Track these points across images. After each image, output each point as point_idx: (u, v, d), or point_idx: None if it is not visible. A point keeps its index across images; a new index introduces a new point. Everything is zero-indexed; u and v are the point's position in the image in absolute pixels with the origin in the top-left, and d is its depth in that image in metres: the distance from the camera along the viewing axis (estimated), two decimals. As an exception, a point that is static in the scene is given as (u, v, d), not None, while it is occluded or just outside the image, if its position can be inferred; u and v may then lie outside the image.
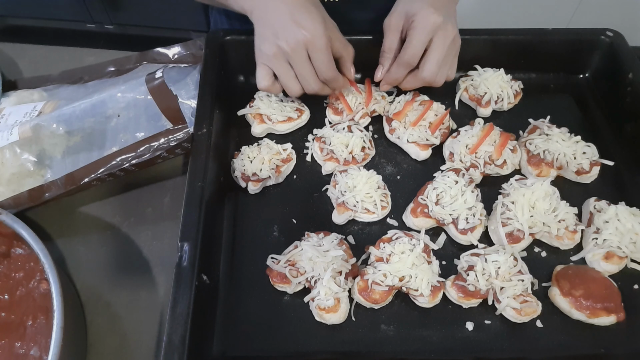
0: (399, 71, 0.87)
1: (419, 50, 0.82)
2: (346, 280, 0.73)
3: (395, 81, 0.90)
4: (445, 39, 0.81)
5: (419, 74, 0.85)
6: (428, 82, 0.86)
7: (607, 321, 0.71)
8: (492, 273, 0.72)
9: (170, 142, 0.79)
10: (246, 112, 0.92)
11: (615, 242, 0.75)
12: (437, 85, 0.87)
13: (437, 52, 0.82)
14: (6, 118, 0.88)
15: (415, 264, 0.72)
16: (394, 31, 0.85)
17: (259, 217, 0.83)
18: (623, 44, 0.95)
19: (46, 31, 2.55)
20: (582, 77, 1.01)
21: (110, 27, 2.50)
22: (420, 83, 0.88)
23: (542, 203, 0.78)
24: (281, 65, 0.78)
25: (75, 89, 0.96)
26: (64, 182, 0.79)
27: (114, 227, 0.85)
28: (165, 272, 0.80)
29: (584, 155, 0.85)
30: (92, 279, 0.79)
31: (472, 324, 0.73)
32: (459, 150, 0.86)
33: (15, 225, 0.71)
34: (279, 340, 0.71)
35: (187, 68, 0.94)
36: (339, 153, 0.86)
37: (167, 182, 0.90)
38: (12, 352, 0.68)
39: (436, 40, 0.81)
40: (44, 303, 0.70)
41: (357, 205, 0.80)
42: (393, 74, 0.88)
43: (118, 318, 0.76)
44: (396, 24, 0.84)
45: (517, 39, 0.97)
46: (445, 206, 0.79)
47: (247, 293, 0.75)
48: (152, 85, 0.80)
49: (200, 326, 0.66)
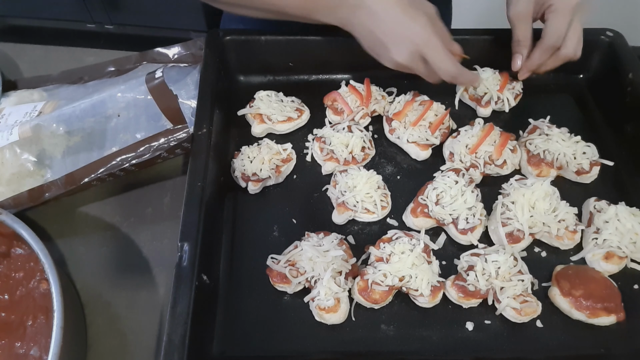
0: (544, 56, 0.87)
1: (563, 32, 0.83)
2: (346, 280, 0.73)
3: (538, 66, 0.89)
4: (582, 16, 0.83)
5: (561, 52, 0.86)
6: (569, 59, 0.87)
7: (607, 321, 0.71)
8: (492, 273, 0.72)
9: (170, 142, 0.79)
10: (246, 112, 0.92)
11: (615, 242, 0.75)
12: (576, 59, 0.87)
13: (576, 30, 0.84)
14: (6, 118, 0.88)
15: (415, 264, 0.72)
16: (525, 19, 0.86)
17: (259, 217, 0.83)
18: (623, 44, 0.95)
19: (46, 31, 2.55)
20: (582, 77, 1.01)
21: (110, 27, 2.49)
22: (561, 61, 0.88)
23: (542, 203, 0.78)
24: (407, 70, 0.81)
25: (75, 89, 0.96)
26: (64, 182, 0.79)
27: (114, 227, 0.85)
28: (165, 272, 0.80)
29: (584, 155, 0.85)
30: (92, 279, 0.79)
31: (472, 324, 0.73)
32: (459, 150, 0.86)
33: (15, 225, 0.71)
34: (279, 340, 0.71)
35: (187, 68, 0.94)
36: (339, 153, 0.86)
37: (167, 182, 0.90)
38: (12, 352, 0.68)
39: (575, 19, 0.83)
40: (44, 303, 0.70)
41: (357, 205, 0.80)
42: (537, 60, 0.88)
43: (118, 318, 0.76)
44: (527, 11, 0.85)
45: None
46: (445, 206, 0.79)
47: (247, 293, 0.75)
48: (152, 85, 0.80)
49: (200, 326, 0.66)
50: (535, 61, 0.88)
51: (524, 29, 0.86)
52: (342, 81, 0.96)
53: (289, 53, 0.97)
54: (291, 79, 1.00)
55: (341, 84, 0.95)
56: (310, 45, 0.96)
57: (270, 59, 0.97)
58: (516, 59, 0.89)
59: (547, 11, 0.84)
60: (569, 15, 0.82)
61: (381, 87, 0.96)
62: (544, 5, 0.84)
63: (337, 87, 0.95)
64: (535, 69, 0.90)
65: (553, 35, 0.83)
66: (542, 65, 0.89)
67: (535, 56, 0.88)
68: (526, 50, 0.88)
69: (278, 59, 0.97)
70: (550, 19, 0.83)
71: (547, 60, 0.88)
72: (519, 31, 0.87)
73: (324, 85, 0.97)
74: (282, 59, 0.97)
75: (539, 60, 0.88)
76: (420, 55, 0.78)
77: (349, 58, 0.97)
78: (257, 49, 0.95)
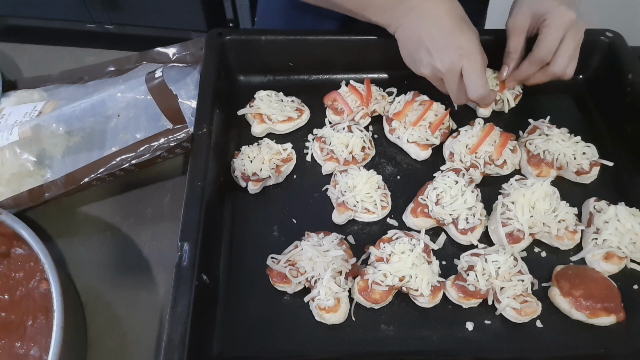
0: (531, 68, 0.88)
1: (554, 47, 0.83)
2: (346, 280, 0.73)
3: (525, 78, 0.90)
4: (577, 34, 0.83)
5: (550, 68, 0.86)
6: (557, 77, 0.87)
7: (607, 321, 0.72)
8: (492, 273, 0.72)
9: (170, 142, 0.79)
10: (246, 112, 0.92)
11: (615, 243, 0.75)
12: (566, 78, 0.87)
13: (568, 47, 0.83)
14: (6, 118, 0.88)
15: (415, 264, 0.72)
16: (520, 32, 0.86)
17: (259, 217, 0.83)
18: (623, 44, 0.95)
19: (46, 31, 2.55)
20: (582, 77, 1.01)
21: (110, 27, 2.49)
22: (549, 78, 0.89)
23: (542, 203, 0.78)
24: (435, 81, 0.85)
25: (75, 89, 0.96)
26: (64, 182, 0.79)
27: (114, 227, 0.85)
28: (165, 272, 0.80)
29: (583, 155, 0.85)
30: (92, 279, 0.79)
31: (472, 324, 0.73)
32: (459, 150, 0.86)
33: (15, 225, 0.71)
34: (279, 340, 0.71)
35: (187, 68, 0.94)
36: (339, 153, 0.86)
37: (167, 182, 0.90)
38: (12, 352, 0.68)
39: (568, 36, 0.83)
40: (44, 303, 0.70)
41: (357, 205, 0.80)
42: (524, 72, 0.89)
43: (118, 318, 0.76)
44: (522, 24, 0.85)
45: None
46: (445, 206, 0.79)
47: (247, 293, 0.75)
48: (152, 84, 0.80)
49: (200, 326, 0.66)
50: (523, 72, 0.89)
51: (516, 42, 0.87)
52: (342, 81, 0.96)
53: (289, 53, 0.97)
54: (291, 79, 1.00)
55: (341, 84, 0.95)
56: (310, 45, 0.96)
57: (270, 59, 0.97)
58: (502, 69, 0.91)
59: (541, 25, 0.84)
60: (561, 31, 0.82)
61: (381, 87, 0.96)
62: (539, 20, 0.84)
63: (337, 87, 0.95)
64: (522, 79, 0.91)
65: (543, 49, 0.84)
66: (529, 78, 0.90)
67: (524, 67, 0.89)
68: (514, 63, 0.89)
69: (278, 59, 0.97)
70: (542, 33, 0.83)
71: (536, 74, 0.89)
72: (511, 43, 0.88)
73: (324, 85, 0.97)
74: (282, 59, 0.97)
75: (526, 72, 0.89)
76: (458, 69, 0.79)
77: (349, 58, 0.97)
78: (257, 49, 0.95)
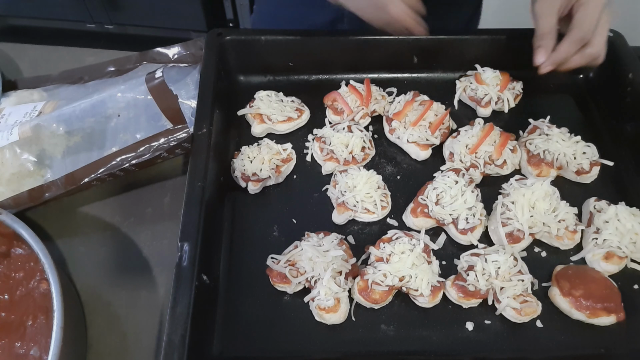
0: (571, 48, 0.83)
1: (594, 25, 0.81)
2: (346, 280, 0.73)
3: (563, 60, 0.84)
4: (610, 15, 0.82)
5: (588, 49, 0.83)
6: (593, 58, 0.84)
7: (607, 321, 0.71)
8: (492, 273, 0.72)
9: (170, 142, 0.79)
10: (246, 112, 0.92)
11: (615, 242, 0.75)
12: (598, 62, 0.85)
13: (605, 28, 0.82)
14: (6, 118, 0.88)
15: (415, 264, 0.72)
16: (551, 13, 0.83)
17: (259, 217, 0.83)
18: (623, 44, 0.95)
19: (46, 31, 2.55)
20: (582, 77, 1.01)
21: (110, 27, 2.50)
22: (585, 60, 0.84)
23: (542, 203, 0.78)
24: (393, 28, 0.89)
25: (75, 89, 0.96)
26: (64, 182, 0.79)
27: (114, 227, 0.85)
28: (165, 272, 0.80)
29: (584, 155, 0.85)
30: (92, 279, 0.79)
31: (472, 324, 0.73)
32: (459, 150, 0.86)
33: (15, 225, 0.71)
34: (279, 340, 0.71)
35: (187, 68, 0.94)
36: (339, 153, 0.86)
37: (167, 182, 0.90)
38: (12, 352, 0.68)
39: (604, 16, 0.81)
40: (44, 303, 0.70)
41: (357, 205, 0.80)
42: (563, 53, 0.83)
43: (118, 318, 0.76)
44: (553, 5, 0.82)
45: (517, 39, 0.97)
46: (445, 206, 0.78)
47: (247, 293, 0.75)
48: (152, 84, 0.80)
49: (200, 326, 0.66)
50: (562, 54, 0.83)
51: (549, 22, 0.82)
52: (342, 81, 0.96)
53: (289, 53, 0.97)
54: (291, 79, 1.00)
55: (341, 84, 0.95)
56: (310, 45, 0.96)
57: (270, 59, 0.97)
58: (539, 52, 0.84)
59: (576, 5, 0.81)
60: (600, 9, 0.80)
61: (381, 87, 0.96)
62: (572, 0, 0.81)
63: (337, 87, 0.95)
64: (560, 61, 0.84)
65: (583, 26, 0.80)
66: (566, 61, 0.84)
67: (563, 48, 0.82)
68: (552, 43, 0.83)
69: (278, 59, 0.97)
70: (580, 12, 0.81)
71: (574, 56, 0.84)
72: (544, 23, 0.83)
73: (324, 85, 0.97)
74: (282, 59, 0.97)
75: (565, 52, 0.83)
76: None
77: (349, 58, 0.97)
78: (257, 49, 0.95)
